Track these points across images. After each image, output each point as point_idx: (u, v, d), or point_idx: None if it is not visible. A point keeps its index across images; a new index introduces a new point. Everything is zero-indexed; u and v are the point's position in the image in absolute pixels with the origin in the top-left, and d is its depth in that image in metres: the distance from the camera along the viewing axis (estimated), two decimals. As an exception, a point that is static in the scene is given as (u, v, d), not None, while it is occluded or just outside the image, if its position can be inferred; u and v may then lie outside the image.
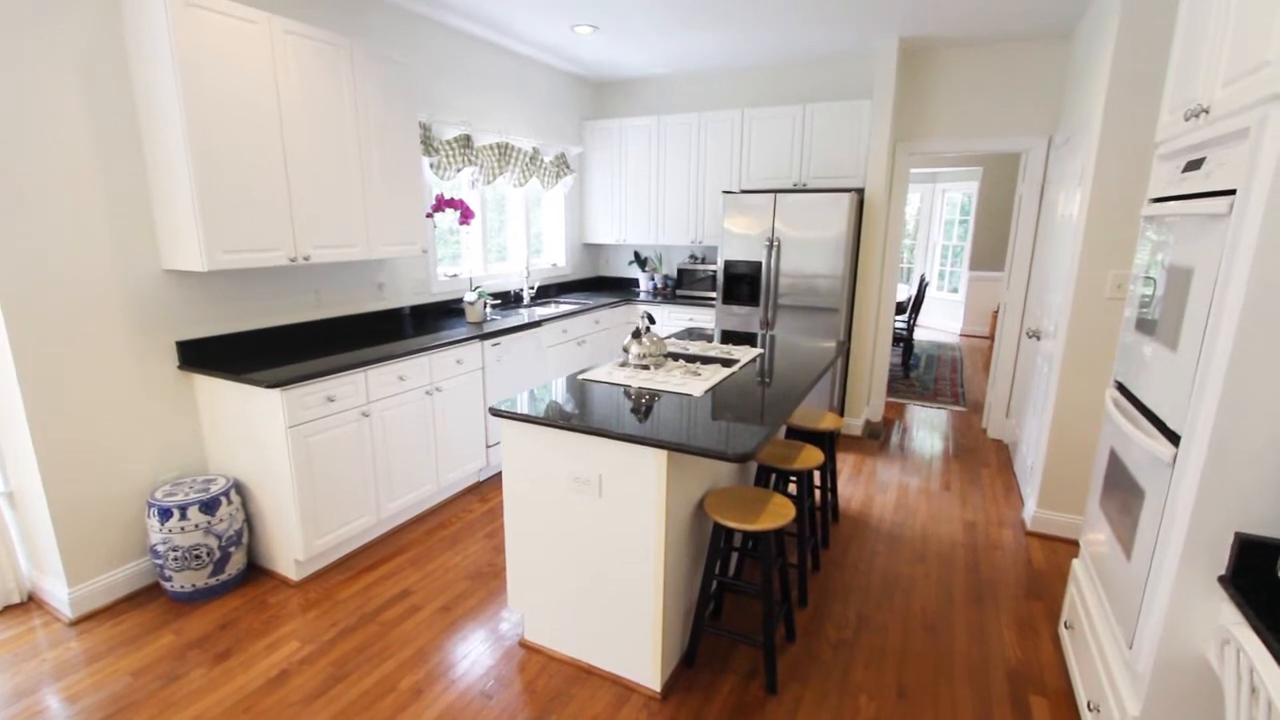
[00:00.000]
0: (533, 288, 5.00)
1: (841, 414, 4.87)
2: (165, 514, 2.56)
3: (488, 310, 4.11)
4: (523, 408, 2.24)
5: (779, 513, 2.18)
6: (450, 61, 4.09)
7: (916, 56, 4.45)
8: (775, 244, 4.44)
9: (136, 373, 2.67)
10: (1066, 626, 2.39)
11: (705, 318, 5.00)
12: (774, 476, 2.81)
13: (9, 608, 2.64)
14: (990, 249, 8.70)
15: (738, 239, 4.57)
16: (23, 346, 2.34)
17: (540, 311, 4.52)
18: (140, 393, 2.69)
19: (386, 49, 3.21)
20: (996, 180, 8.53)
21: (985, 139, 4.36)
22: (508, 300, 4.82)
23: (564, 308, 4.74)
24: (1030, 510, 3.37)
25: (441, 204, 3.92)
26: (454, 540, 3.20)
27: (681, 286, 5.34)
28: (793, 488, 3.70)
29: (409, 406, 3.21)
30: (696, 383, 2.49)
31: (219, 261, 2.59)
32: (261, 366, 2.77)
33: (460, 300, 4.34)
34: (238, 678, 2.25)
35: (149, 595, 2.71)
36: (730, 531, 2.51)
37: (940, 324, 9.79)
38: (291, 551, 2.79)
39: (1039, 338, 3.79)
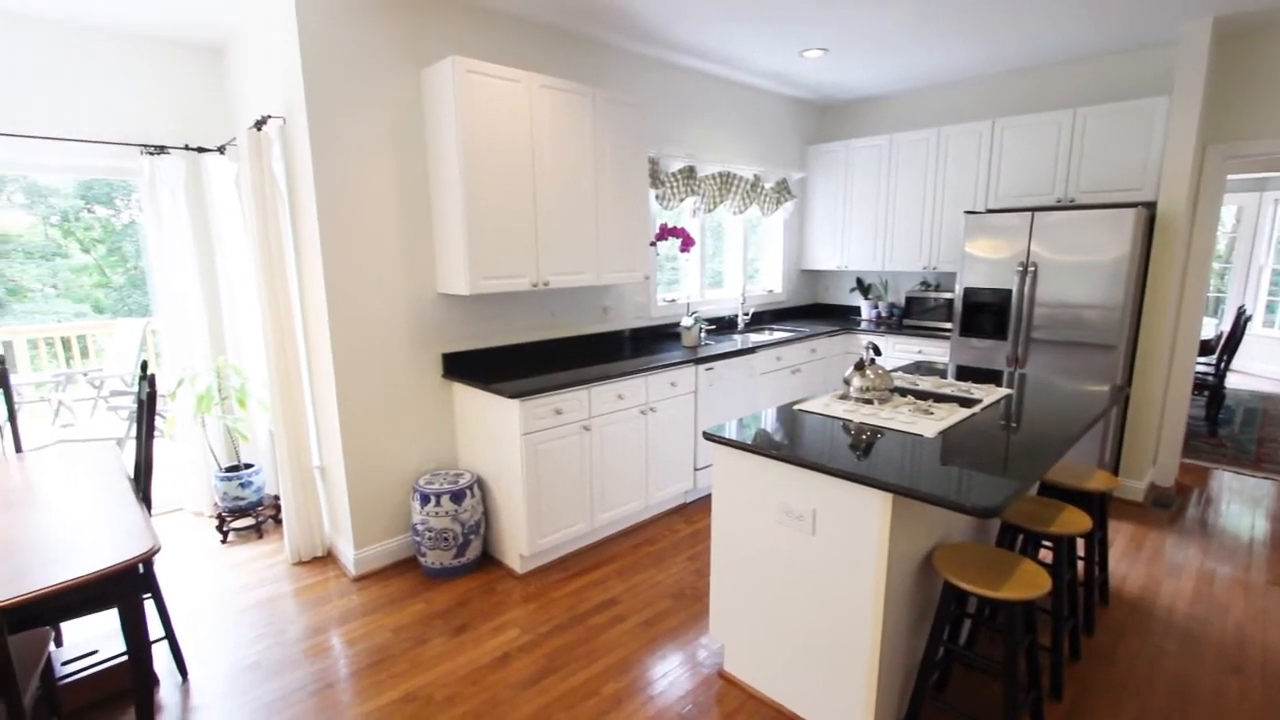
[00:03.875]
0: (748, 314, 4.98)
1: (1115, 473, 4.02)
2: (425, 499, 3.00)
3: (703, 335, 4.18)
4: (735, 434, 2.21)
5: (1030, 581, 1.84)
6: (676, 97, 4.29)
7: (1236, 40, 3.59)
8: (1030, 269, 3.86)
9: (413, 378, 3.19)
10: None
11: (937, 351, 4.51)
12: (1022, 538, 2.40)
13: (315, 559, 3.30)
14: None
15: (982, 264, 4.07)
16: (340, 352, 2.93)
17: (754, 338, 4.48)
18: (414, 395, 3.20)
19: (622, 93, 3.47)
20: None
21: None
22: (722, 325, 4.87)
23: (779, 334, 4.64)
24: None
25: (664, 232, 4.11)
26: (659, 558, 3.26)
27: (910, 316, 4.90)
28: (1046, 554, 3.13)
29: (625, 424, 3.37)
30: (928, 422, 2.24)
31: (479, 286, 3.00)
32: (503, 378, 3.12)
33: (677, 325, 4.49)
34: (469, 651, 2.52)
35: (408, 566, 3.19)
36: (964, 594, 2.19)
37: (1267, 370, 7.67)
38: (518, 546, 3.07)
39: None
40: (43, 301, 6.84)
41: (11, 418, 2.76)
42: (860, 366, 2.57)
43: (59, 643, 2.55)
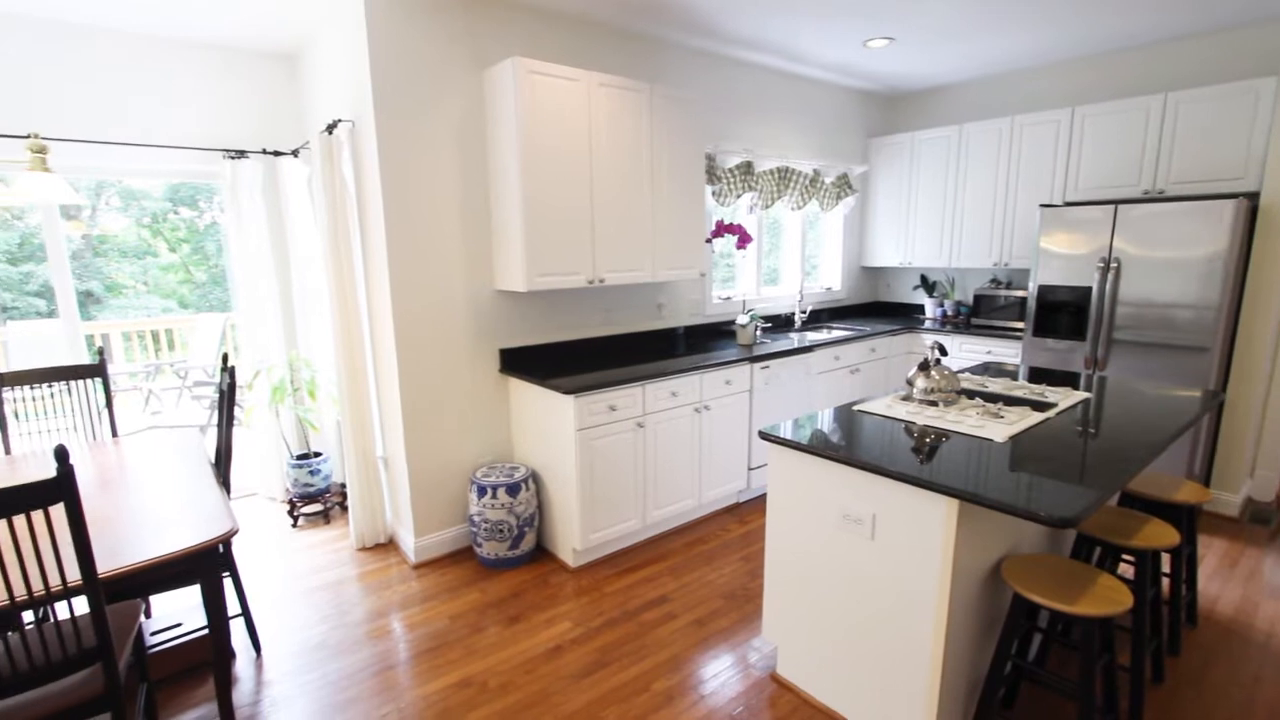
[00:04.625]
0: (805, 312, 4.87)
1: (1207, 485, 3.73)
2: (482, 491, 3.06)
3: (758, 333, 4.12)
4: (791, 434, 2.16)
5: (1108, 597, 1.73)
6: (733, 92, 4.23)
7: (1360, 10, 3.26)
8: (1113, 265, 3.63)
9: (471, 373, 3.26)
10: None
11: (1008, 351, 4.30)
12: (1099, 551, 2.26)
13: (377, 545, 3.43)
14: None
15: (1058, 260, 3.85)
16: (403, 346, 3.02)
17: (811, 336, 4.38)
18: (472, 389, 3.28)
19: (678, 89, 3.44)
20: None
21: None
22: (779, 324, 4.78)
23: (837, 333, 4.52)
24: None
25: (721, 229, 4.06)
26: (710, 557, 3.24)
27: (978, 314, 4.69)
28: (1127, 569, 2.94)
29: (679, 422, 3.35)
30: (998, 426, 2.13)
31: (535, 283, 3.04)
32: (559, 374, 3.16)
33: (732, 322, 4.43)
34: (523, 641, 2.57)
35: (464, 556, 3.27)
36: (1034, 607, 2.07)
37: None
38: (571, 541, 3.10)
39: None
40: (135, 297, 7.37)
41: (109, 404, 2.98)
42: (924, 367, 2.47)
43: (148, 614, 2.74)
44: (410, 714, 2.19)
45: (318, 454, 3.89)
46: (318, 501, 3.80)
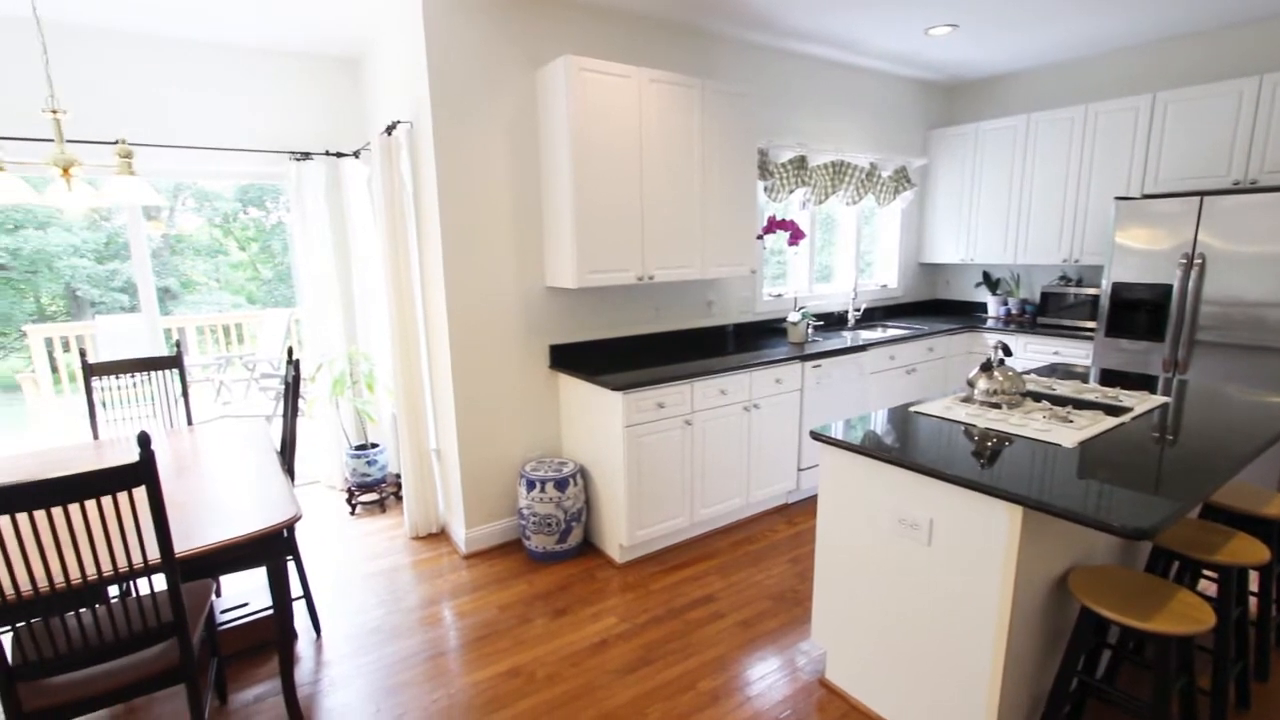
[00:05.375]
0: (859, 309, 4.75)
1: (1298, 498, 3.45)
2: (530, 485, 3.11)
3: (810, 331, 4.03)
4: (844, 434, 2.11)
5: (1187, 615, 1.62)
6: (786, 85, 4.15)
7: None
8: (1197, 261, 3.40)
9: (522, 368, 3.31)
10: None
11: (1077, 352, 4.09)
12: (1177, 565, 2.12)
13: (430, 535, 3.52)
14: None
15: (1135, 256, 3.63)
16: (457, 342, 3.09)
17: (865, 335, 4.27)
18: (522, 384, 3.33)
19: (730, 83, 3.40)
20: None
21: None
22: (831, 322, 4.68)
23: (892, 332, 4.39)
24: None
25: (773, 225, 4.00)
26: (758, 558, 3.19)
27: (1045, 313, 4.48)
28: (1208, 586, 2.75)
29: (727, 420, 3.32)
30: (1066, 431, 2.03)
31: (585, 280, 3.06)
32: (607, 371, 3.17)
33: (783, 320, 4.36)
34: (568, 634, 2.59)
35: (513, 548, 3.33)
36: (1104, 622, 1.96)
37: None
38: (617, 536, 3.12)
39: None
40: (207, 293, 7.79)
41: (185, 394, 3.16)
42: (987, 367, 2.37)
43: (218, 594, 2.89)
44: (461, 700, 2.24)
45: (375, 445, 4.02)
46: (374, 491, 3.93)
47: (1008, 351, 2.38)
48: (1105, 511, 1.48)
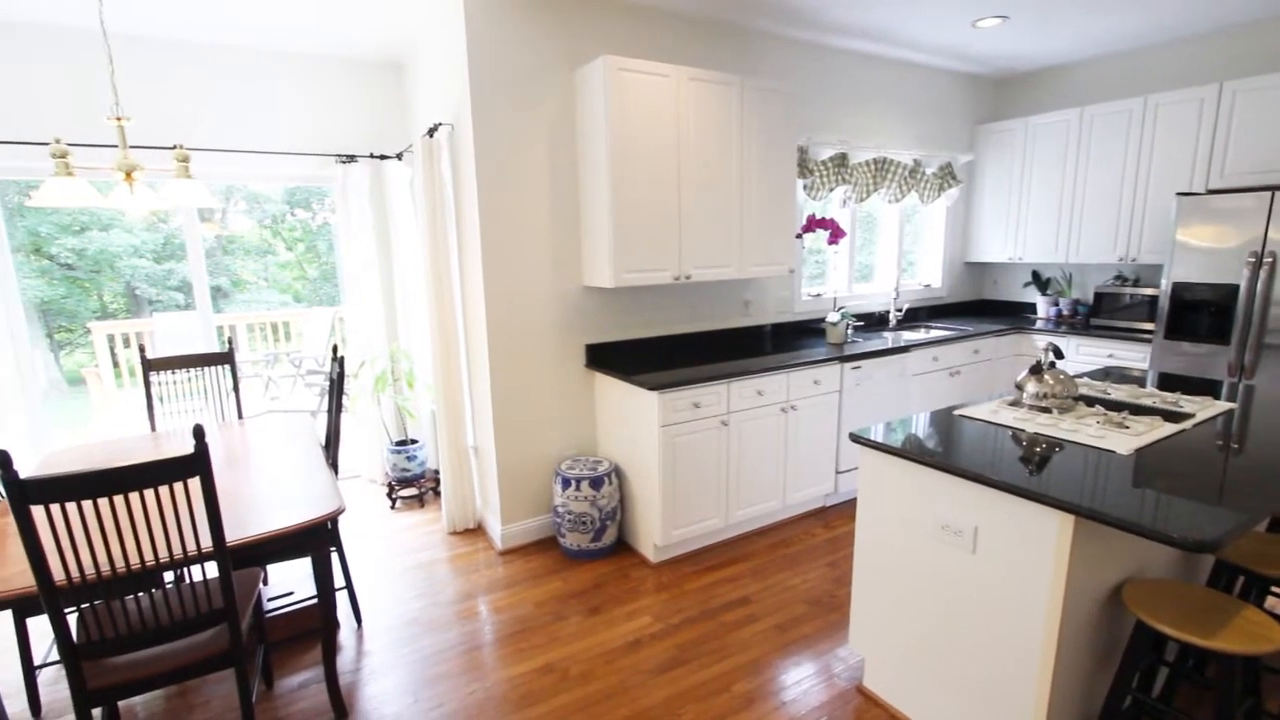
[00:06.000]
0: (901, 310, 4.64)
1: (1377, 513, 3.24)
2: (566, 483, 3.13)
3: (849, 332, 3.96)
4: (884, 437, 2.06)
5: (1254, 633, 1.53)
6: (827, 81, 4.08)
7: None
8: (1266, 260, 3.22)
9: (558, 367, 3.34)
10: None
11: (1133, 355, 3.92)
12: (1242, 581, 2.01)
13: (467, 530, 3.58)
14: None
15: (1198, 254, 3.46)
16: (495, 340, 3.13)
17: (907, 336, 4.17)
18: (559, 383, 3.35)
19: (769, 80, 3.35)
20: None
21: None
22: (871, 322, 4.58)
23: (936, 333, 4.28)
24: None
25: (812, 224, 3.93)
26: (794, 561, 3.15)
27: (1099, 314, 4.30)
28: (1275, 604, 2.60)
29: (764, 421, 3.28)
30: (1122, 437, 1.94)
31: (622, 280, 3.06)
32: (643, 370, 3.17)
33: (822, 320, 4.29)
34: (602, 633, 2.60)
35: (548, 545, 3.35)
36: (1161, 638, 1.87)
37: None
38: (652, 536, 3.11)
39: None
40: (257, 292, 8.07)
41: (235, 389, 3.27)
42: (1037, 370, 2.28)
43: (265, 582, 2.99)
44: (496, 694, 2.27)
45: (414, 441, 4.10)
46: (413, 486, 4.01)
47: (1059, 354, 2.29)
48: (1164, 522, 1.41)
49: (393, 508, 3.93)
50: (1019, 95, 4.90)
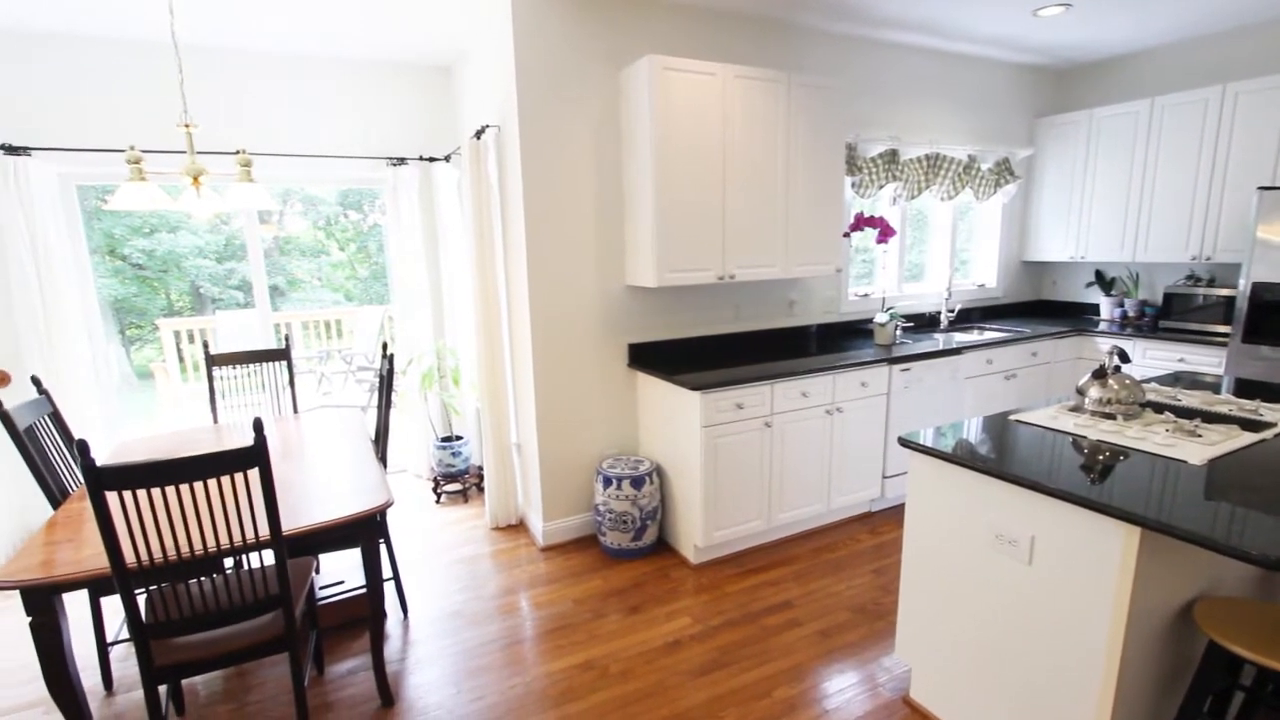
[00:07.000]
0: (953, 310, 4.50)
1: None
2: (607, 482, 3.14)
3: (898, 333, 3.85)
4: (935, 442, 2.00)
5: (1345, 662, 1.42)
6: (877, 76, 3.98)
7: None
8: (1356, 259, 2.99)
9: (600, 366, 3.35)
10: None
11: (1207, 360, 3.70)
12: (1330, 603, 1.87)
13: (509, 526, 3.63)
14: None
15: None
16: (539, 339, 3.17)
17: (960, 337, 4.03)
18: (601, 382, 3.36)
19: (817, 76, 3.29)
20: None
21: None
22: (922, 323, 4.45)
23: (990, 334, 4.13)
24: None
25: (860, 222, 3.84)
26: (838, 566, 3.09)
27: (1169, 316, 4.07)
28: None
29: (808, 423, 3.23)
30: (1194, 446, 1.83)
31: (665, 279, 3.05)
32: (686, 370, 3.15)
33: (869, 321, 4.19)
34: (642, 632, 2.60)
35: (588, 544, 3.37)
36: (1237, 661, 1.76)
37: None
38: (693, 537, 3.09)
39: None
40: (311, 291, 8.36)
41: (291, 384, 3.40)
42: (1100, 374, 2.17)
43: (317, 571, 3.09)
44: (536, 689, 2.29)
45: (459, 437, 4.18)
46: (458, 481, 4.09)
47: (1124, 357, 2.18)
48: (1240, 537, 1.32)
49: (437, 502, 4.02)
50: (1081, 86, 4.69)
